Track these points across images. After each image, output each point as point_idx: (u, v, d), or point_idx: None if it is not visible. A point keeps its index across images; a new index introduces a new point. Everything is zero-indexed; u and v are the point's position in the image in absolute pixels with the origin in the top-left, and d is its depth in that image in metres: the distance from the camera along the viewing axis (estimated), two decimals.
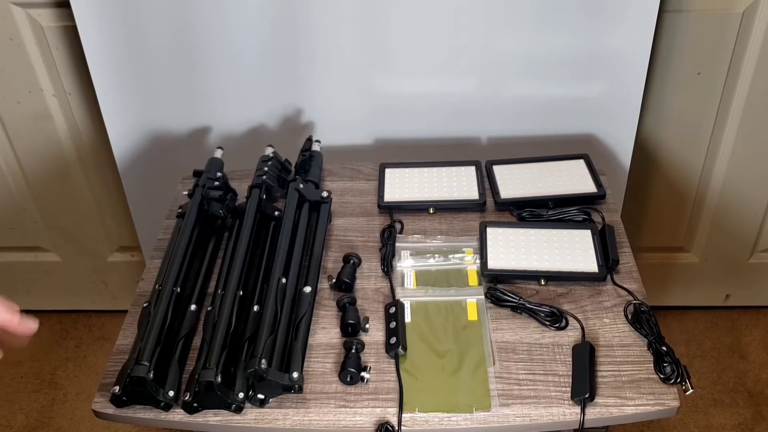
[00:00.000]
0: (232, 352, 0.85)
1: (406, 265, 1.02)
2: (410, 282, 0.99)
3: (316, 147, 1.18)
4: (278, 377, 0.81)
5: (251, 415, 0.83)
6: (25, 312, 0.72)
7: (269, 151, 1.14)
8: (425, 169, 1.18)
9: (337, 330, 0.92)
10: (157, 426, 0.84)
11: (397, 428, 0.81)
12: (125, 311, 0.97)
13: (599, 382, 0.84)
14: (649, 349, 0.88)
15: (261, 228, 1.04)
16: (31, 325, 0.88)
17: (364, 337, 0.91)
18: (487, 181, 1.16)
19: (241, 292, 0.92)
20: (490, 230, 1.05)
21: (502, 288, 0.95)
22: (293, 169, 1.14)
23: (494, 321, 0.93)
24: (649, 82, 1.30)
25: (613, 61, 1.22)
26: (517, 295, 0.94)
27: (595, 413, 0.81)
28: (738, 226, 1.54)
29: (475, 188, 1.13)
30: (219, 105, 1.29)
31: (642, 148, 1.41)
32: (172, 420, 0.83)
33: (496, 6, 1.17)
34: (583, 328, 0.91)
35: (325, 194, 1.09)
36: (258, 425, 0.82)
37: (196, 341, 0.90)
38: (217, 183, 1.07)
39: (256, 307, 0.89)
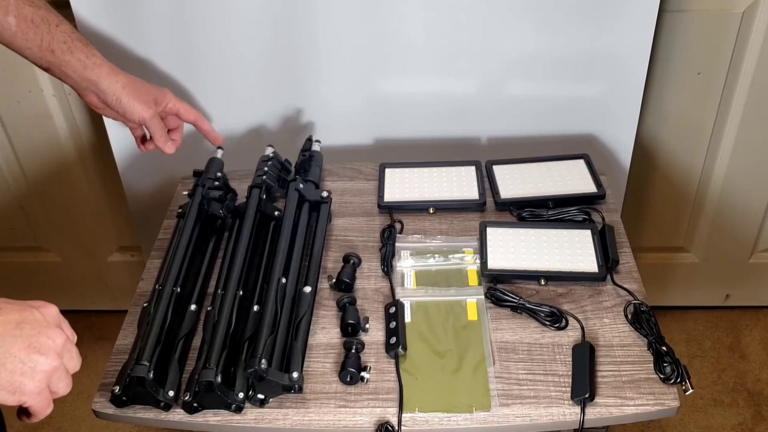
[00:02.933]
0: (232, 352, 0.85)
1: (406, 265, 1.02)
2: (410, 282, 0.99)
3: (316, 147, 1.18)
4: (278, 377, 0.81)
5: (251, 415, 0.83)
6: None
7: (269, 151, 1.14)
8: (425, 169, 1.18)
9: (337, 330, 0.92)
10: (157, 426, 0.84)
11: (397, 428, 0.81)
12: (125, 311, 0.97)
13: (599, 382, 0.84)
14: (649, 349, 0.88)
15: (261, 228, 1.04)
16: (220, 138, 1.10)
17: (364, 337, 0.91)
18: (487, 181, 1.16)
19: (241, 292, 0.92)
20: (490, 230, 1.05)
21: (502, 288, 0.95)
22: (293, 169, 1.14)
23: (494, 321, 0.93)
24: (649, 82, 1.30)
25: (613, 61, 1.22)
26: (517, 295, 0.94)
27: (595, 413, 0.81)
28: (738, 226, 1.54)
29: (475, 188, 1.13)
30: (219, 105, 1.29)
31: (642, 148, 1.41)
32: (172, 420, 0.83)
33: (496, 6, 1.16)
34: (583, 328, 0.91)
35: (325, 194, 1.09)
36: (258, 425, 0.82)
37: (196, 341, 0.90)
38: (217, 183, 1.07)
39: (256, 307, 0.89)
